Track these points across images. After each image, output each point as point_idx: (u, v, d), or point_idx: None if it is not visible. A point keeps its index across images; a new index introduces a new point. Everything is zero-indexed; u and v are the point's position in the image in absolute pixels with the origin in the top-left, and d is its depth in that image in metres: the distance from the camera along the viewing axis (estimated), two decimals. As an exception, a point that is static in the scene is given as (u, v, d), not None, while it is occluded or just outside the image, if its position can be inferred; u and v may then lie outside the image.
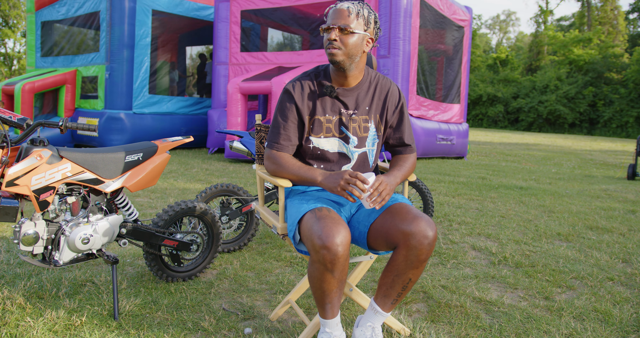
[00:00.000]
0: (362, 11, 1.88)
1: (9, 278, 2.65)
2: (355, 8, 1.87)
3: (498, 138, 21.92)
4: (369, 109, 2.01)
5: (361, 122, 2.01)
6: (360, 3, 1.90)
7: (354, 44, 1.87)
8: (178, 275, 2.69)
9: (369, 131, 2.02)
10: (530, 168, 9.77)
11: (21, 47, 37.63)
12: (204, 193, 3.20)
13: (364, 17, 1.88)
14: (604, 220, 4.73)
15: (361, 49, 1.90)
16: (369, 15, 1.89)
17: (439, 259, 3.28)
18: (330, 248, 1.63)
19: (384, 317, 1.91)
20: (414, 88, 9.25)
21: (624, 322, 2.34)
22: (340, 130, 2.00)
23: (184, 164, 7.92)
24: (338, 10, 1.87)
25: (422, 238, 1.70)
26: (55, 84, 10.20)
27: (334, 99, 1.98)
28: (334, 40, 1.85)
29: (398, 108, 2.06)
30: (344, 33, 1.86)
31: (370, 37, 1.92)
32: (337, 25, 1.86)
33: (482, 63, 40.90)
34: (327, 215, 1.73)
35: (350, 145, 2.00)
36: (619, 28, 42.15)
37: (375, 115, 2.03)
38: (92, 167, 2.27)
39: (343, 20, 1.85)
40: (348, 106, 1.99)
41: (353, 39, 1.86)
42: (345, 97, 1.98)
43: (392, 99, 2.05)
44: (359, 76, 1.98)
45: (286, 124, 1.97)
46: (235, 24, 9.84)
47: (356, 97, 1.99)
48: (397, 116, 2.06)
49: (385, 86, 2.05)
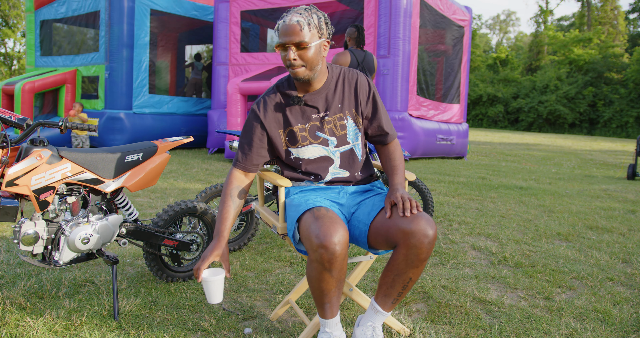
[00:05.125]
0: (312, 20, 1.81)
1: (9, 278, 2.65)
2: (305, 20, 1.79)
3: (498, 138, 21.92)
4: (341, 106, 1.98)
5: (336, 121, 1.98)
6: (307, 11, 1.83)
7: (313, 56, 1.83)
8: (178, 275, 2.69)
9: (346, 128, 1.99)
10: (530, 168, 9.77)
11: (21, 47, 37.64)
12: (204, 193, 3.20)
13: (316, 25, 1.82)
14: (604, 220, 4.73)
15: (320, 56, 1.86)
16: (319, 21, 1.83)
17: (439, 259, 3.28)
18: (327, 247, 1.63)
19: (384, 317, 1.91)
20: (414, 88, 9.25)
21: (624, 322, 2.34)
22: (315, 135, 1.98)
23: (184, 164, 7.92)
24: (289, 26, 1.79)
25: (422, 237, 1.70)
26: (55, 84, 10.21)
27: (303, 106, 1.96)
28: (294, 60, 1.82)
29: (370, 98, 2.02)
30: (300, 49, 1.81)
31: (326, 41, 1.88)
32: (292, 42, 1.80)
33: (482, 63, 40.90)
34: (325, 214, 1.73)
35: (330, 146, 1.99)
36: (619, 28, 42.15)
37: (350, 109, 2.00)
38: (92, 167, 2.27)
39: (297, 36, 1.79)
40: (319, 109, 1.97)
41: (311, 52, 1.82)
42: (313, 101, 1.96)
43: (362, 90, 2.01)
44: (323, 77, 1.95)
45: (248, 145, 1.97)
46: (235, 25, 9.84)
47: (325, 98, 1.97)
48: (370, 105, 2.02)
49: (353, 79, 2.00)
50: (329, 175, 2.01)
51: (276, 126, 1.97)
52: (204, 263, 1.79)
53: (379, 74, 8.72)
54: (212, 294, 1.78)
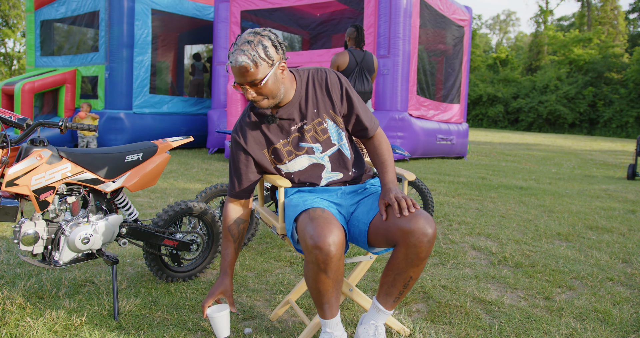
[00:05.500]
0: (257, 54, 1.72)
1: (9, 278, 2.65)
2: (250, 59, 1.71)
3: (498, 138, 21.92)
4: (317, 111, 1.94)
5: (315, 127, 1.95)
6: (250, 44, 1.73)
7: (271, 86, 1.79)
8: (178, 275, 2.69)
9: (328, 131, 1.96)
10: (530, 168, 9.77)
11: (21, 47, 37.65)
12: (204, 193, 3.20)
13: (264, 58, 1.74)
14: (604, 220, 4.73)
15: (280, 82, 1.82)
16: (265, 51, 1.74)
17: (439, 259, 3.28)
18: (322, 248, 1.64)
19: (386, 315, 1.91)
20: (414, 88, 9.25)
21: (624, 322, 2.34)
22: (299, 146, 1.95)
23: (184, 164, 7.92)
24: (238, 69, 1.73)
25: (421, 236, 1.70)
26: (55, 84, 10.21)
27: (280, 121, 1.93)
28: (254, 97, 1.80)
29: (344, 94, 1.97)
30: (256, 86, 1.77)
31: (282, 62, 1.81)
32: (246, 82, 1.76)
33: (482, 63, 40.90)
34: (320, 215, 1.73)
35: (317, 153, 1.97)
36: (619, 28, 42.15)
37: (327, 111, 1.96)
38: (92, 167, 2.27)
39: (248, 77, 1.74)
40: (295, 121, 1.94)
41: (269, 84, 1.78)
42: (288, 114, 1.92)
43: (335, 89, 1.96)
44: (292, 90, 1.91)
45: (236, 174, 1.97)
46: (235, 25, 9.84)
47: (299, 108, 1.93)
48: (345, 102, 1.97)
49: (322, 80, 1.95)
50: (323, 181, 2.00)
51: (259, 147, 1.95)
52: (209, 300, 1.90)
53: (379, 74, 8.72)
54: (219, 329, 1.86)
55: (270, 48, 1.76)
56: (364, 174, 2.10)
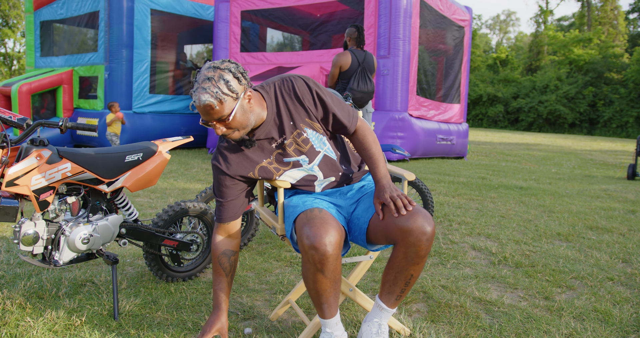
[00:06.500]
0: (220, 90, 1.65)
1: (9, 278, 2.65)
2: (213, 97, 1.65)
3: (498, 138, 21.92)
4: (293, 123, 1.88)
5: (296, 139, 1.89)
6: (211, 81, 1.66)
7: (240, 119, 1.74)
8: (178, 275, 2.69)
9: (309, 140, 1.92)
10: (530, 168, 9.77)
11: (21, 47, 37.67)
12: (204, 193, 3.20)
13: (227, 93, 1.67)
14: (604, 220, 4.73)
15: (248, 111, 1.76)
16: (227, 85, 1.67)
17: (439, 259, 3.28)
18: (318, 248, 1.64)
19: (389, 313, 1.92)
20: (414, 88, 9.25)
21: (624, 322, 2.34)
22: (284, 162, 1.92)
23: (184, 164, 7.92)
24: (203, 108, 1.67)
25: (420, 235, 1.70)
26: (51, 85, 10.20)
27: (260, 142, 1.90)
28: (225, 131, 1.77)
29: (315, 98, 1.88)
30: (224, 121, 1.72)
31: (247, 92, 1.74)
32: (213, 120, 1.71)
33: (482, 63, 40.92)
34: (317, 215, 1.73)
35: (304, 165, 1.93)
36: (619, 28, 42.17)
37: (304, 120, 1.89)
38: (92, 167, 2.27)
39: (214, 114, 1.68)
40: (274, 138, 1.89)
41: (237, 117, 1.72)
42: (266, 134, 1.88)
43: (305, 96, 1.87)
44: (263, 111, 1.84)
45: (222, 199, 1.93)
46: (235, 25, 9.84)
47: (274, 125, 1.88)
48: (319, 105, 1.91)
49: (290, 89, 1.87)
50: (317, 188, 2.00)
51: (244, 170, 1.90)
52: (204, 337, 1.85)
53: (378, 74, 8.72)
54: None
55: (232, 81, 1.69)
56: (357, 167, 2.09)
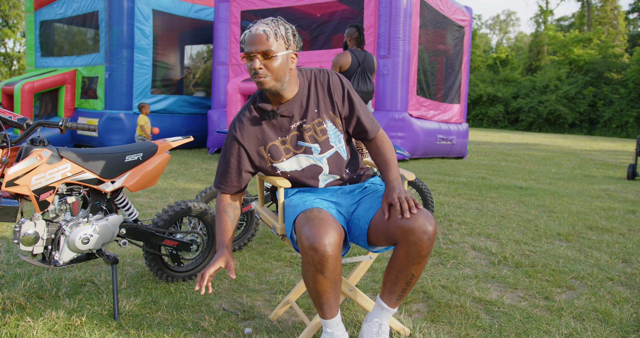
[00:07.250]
0: (279, 31, 1.78)
1: (9, 278, 2.65)
2: (271, 30, 1.77)
3: (498, 138, 21.92)
4: (318, 111, 1.94)
5: (315, 127, 1.94)
6: (274, 21, 1.81)
7: (279, 67, 1.80)
8: (178, 275, 2.69)
9: (327, 132, 1.96)
10: (530, 168, 9.77)
11: (21, 47, 37.67)
12: (204, 193, 3.20)
13: (283, 36, 1.79)
14: (604, 220, 4.73)
15: (288, 68, 1.83)
16: (286, 32, 1.81)
17: (439, 259, 3.28)
18: (317, 249, 1.64)
19: (390, 313, 1.92)
20: (414, 88, 9.25)
21: (624, 322, 2.34)
22: (297, 145, 1.95)
23: (184, 164, 7.92)
24: (255, 36, 1.76)
25: (422, 234, 1.70)
26: (54, 84, 10.20)
27: (280, 118, 1.93)
28: (259, 69, 1.78)
29: (345, 96, 1.97)
30: (267, 58, 1.78)
31: (294, 53, 1.84)
32: (258, 51, 1.76)
33: (482, 63, 40.91)
34: (317, 215, 1.73)
35: (315, 154, 1.96)
36: (619, 28, 42.16)
37: (328, 112, 1.95)
38: (92, 167, 2.27)
39: (263, 45, 1.76)
40: (295, 118, 1.93)
41: (277, 63, 1.79)
42: (289, 111, 1.92)
43: (337, 91, 1.96)
44: (295, 87, 1.91)
45: (226, 167, 1.95)
46: (235, 25, 9.84)
47: (300, 106, 1.93)
48: (347, 104, 1.97)
49: (325, 80, 1.95)
50: (320, 183, 2.00)
51: (256, 143, 1.94)
52: (211, 269, 1.78)
53: (378, 74, 8.72)
54: None
55: (290, 33, 1.83)
56: (358, 174, 2.10)
